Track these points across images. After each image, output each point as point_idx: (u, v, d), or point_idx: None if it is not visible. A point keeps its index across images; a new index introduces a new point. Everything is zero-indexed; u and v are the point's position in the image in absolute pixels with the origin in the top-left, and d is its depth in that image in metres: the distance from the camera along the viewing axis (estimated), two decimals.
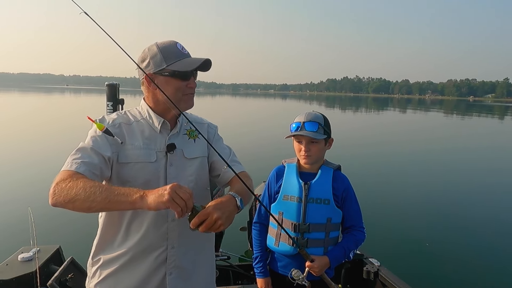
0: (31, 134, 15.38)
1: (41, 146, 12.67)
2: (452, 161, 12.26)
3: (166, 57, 1.45)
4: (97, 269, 1.51)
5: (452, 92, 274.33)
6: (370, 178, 9.14)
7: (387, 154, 13.35)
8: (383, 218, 6.27)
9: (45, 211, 5.75)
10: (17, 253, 2.95)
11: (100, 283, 1.49)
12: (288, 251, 1.96)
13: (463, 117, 40.35)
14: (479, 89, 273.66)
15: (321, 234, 1.93)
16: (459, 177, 10.03)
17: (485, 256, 5.13)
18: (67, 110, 33.28)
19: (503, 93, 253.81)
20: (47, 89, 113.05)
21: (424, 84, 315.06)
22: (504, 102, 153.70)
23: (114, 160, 1.45)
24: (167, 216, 1.48)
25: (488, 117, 42.54)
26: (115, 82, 2.81)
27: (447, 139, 18.55)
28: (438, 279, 4.42)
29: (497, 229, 6.16)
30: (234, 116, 28.52)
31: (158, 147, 1.50)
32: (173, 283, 1.51)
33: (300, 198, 1.94)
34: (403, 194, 8.19)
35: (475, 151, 15.05)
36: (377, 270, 3.04)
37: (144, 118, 1.55)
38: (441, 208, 7.17)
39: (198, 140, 1.61)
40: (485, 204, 7.64)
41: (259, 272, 2.07)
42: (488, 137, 20.18)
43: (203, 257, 1.64)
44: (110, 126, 1.47)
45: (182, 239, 1.52)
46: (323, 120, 1.98)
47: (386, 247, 5.07)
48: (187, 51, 1.51)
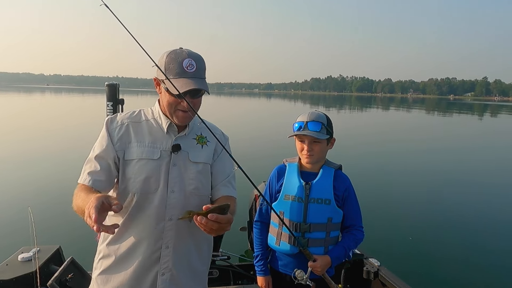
0: (31, 134, 15.17)
1: (41, 146, 12.55)
2: (451, 161, 12.21)
3: (167, 70, 1.47)
4: (99, 260, 1.57)
5: (433, 90, 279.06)
6: (369, 177, 9.06)
7: (386, 153, 13.27)
8: (383, 218, 6.26)
9: (45, 211, 5.75)
10: (17, 253, 2.93)
11: (100, 275, 1.54)
12: (288, 250, 1.97)
13: (447, 115, 41.01)
14: (459, 87, 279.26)
15: (321, 233, 1.94)
16: (459, 177, 10.00)
17: (485, 256, 5.16)
18: (62, 109, 33.07)
19: (482, 91, 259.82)
20: (27, 89, 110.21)
21: (406, 83, 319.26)
22: (483, 100, 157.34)
23: (121, 158, 1.51)
24: (165, 214, 1.50)
25: (468, 115, 43.42)
26: (115, 82, 2.80)
27: (442, 138, 18.48)
28: (438, 279, 4.44)
29: (497, 229, 6.18)
30: (229, 116, 27.98)
31: (163, 146, 1.53)
32: (163, 285, 1.51)
33: (301, 198, 1.94)
34: (403, 194, 8.18)
35: (474, 150, 15.03)
36: (377, 270, 3.04)
37: (155, 118, 1.59)
38: (441, 208, 7.17)
39: (206, 147, 1.62)
40: (485, 204, 7.62)
41: (259, 271, 2.08)
42: (481, 137, 20.03)
43: (198, 262, 1.63)
44: (118, 126, 1.54)
45: (178, 240, 1.53)
46: (326, 120, 1.98)
47: (386, 247, 5.07)
48: (195, 69, 1.47)
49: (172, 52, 1.49)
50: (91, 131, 13.12)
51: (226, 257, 3.31)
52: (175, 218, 1.50)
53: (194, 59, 1.48)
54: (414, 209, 7.11)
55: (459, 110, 56.24)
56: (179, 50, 1.50)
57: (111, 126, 1.55)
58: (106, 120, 1.58)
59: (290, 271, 1.94)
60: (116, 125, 1.55)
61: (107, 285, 1.52)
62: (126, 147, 1.51)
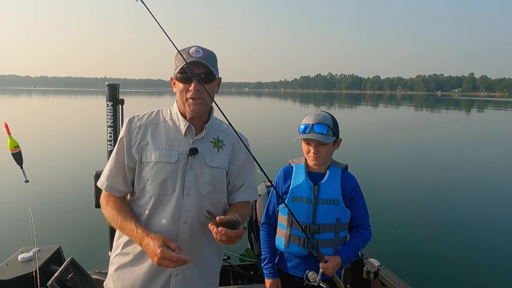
0: (31, 134, 15.07)
1: (40, 146, 12.45)
2: (451, 161, 12.17)
3: (177, 59, 1.53)
4: (116, 256, 1.61)
5: (421, 87, 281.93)
6: (369, 177, 8.96)
7: (383, 152, 13.22)
8: (383, 218, 6.25)
9: (45, 211, 5.75)
10: (17, 253, 2.92)
11: (116, 270, 1.59)
12: (298, 252, 1.96)
13: (435, 111, 41.40)
14: (446, 84, 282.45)
15: (330, 234, 1.93)
16: (459, 177, 9.97)
17: (485, 255, 5.18)
18: (58, 111, 32.87)
19: (469, 87, 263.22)
20: (14, 91, 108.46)
21: (395, 80, 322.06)
22: (470, 96, 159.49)
23: (138, 160, 1.53)
24: (180, 217, 1.52)
25: (456, 110, 43.88)
26: (115, 83, 2.81)
27: (437, 136, 18.42)
28: (438, 279, 4.46)
29: (496, 229, 6.21)
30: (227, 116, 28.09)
31: (181, 149, 1.53)
32: (177, 285, 1.54)
33: (310, 199, 1.93)
34: (403, 193, 8.19)
35: (473, 150, 14.90)
36: (377, 270, 3.02)
37: (173, 119, 1.60)
38: (441, 208, 7.19)
39: (222, 151, 1.61)
40: (486, 204, 7.62)
41: (268, 273, 2.06)
42: (481, 137, 19.46)
43: (210, 262, 1.65)
44: (137, 128, 1.56)
45: (191, 242, 1.55)
46: (332, 122, 1.95)
47: (386, 247, 5.06)
48: (202, 54, 1.51)
49: (183, 49, 1.55)
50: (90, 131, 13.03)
51: (226, 257, 3.29)
52: (189, 221, 1.53)
53: (201, 48, 1.53)
54: (414, 209, 7.14)
55: (447, 106, 56.87)
56: (191, 45, 1.57)
57: (130, 128, 1.56)
58: (126, 123, 1.59)
59: (299, 273, 1.96)
60: (135, 127, 1.56)
61: (122, 282, 1.56)
62: (144, 149, 1.53)
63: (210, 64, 1.50)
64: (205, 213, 1.40)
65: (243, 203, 1.66)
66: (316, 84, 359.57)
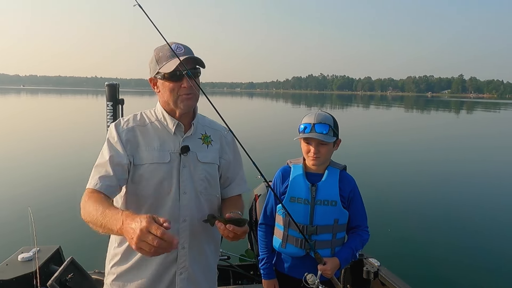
0: (30, 134, 14.94)
1: (40, 146, 12.44)
2: (451, 161, 12.18)
3: (158, 60, 1.49)
4: (113, 265, 1.56)
5: (411, 88, 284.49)
6: (368, 177, 8.87)
7: (381, 153, 13.20)
8: (383, 218, 6.22)
9: (45, 211, 5.72)
10: (17, 253, 2.91)
11: (115, 280, 1.54)
12: (296, 253, 1.95)
13: (425, 112, 41.88)
14: (436, 85, 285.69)
15: (328, 235, 1.93)
16: (459, 177, 10.00)
17: (485, 256, 5.20)
18: (58, 110, 32.62)
19: (458, 89, 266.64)
20: (3, 90, 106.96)
21: (386, 81, 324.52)
22: (460, 98, 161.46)
23: (131, 163, 1.49)
24: (179, 216, 1.51)
25: (446, 112, 44.38)
26: (115, 83, 2.82)
27: (433, 137, 18.44)
28: (438, 279, 4.47)
29: (496, 229, 6.24)
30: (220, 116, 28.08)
31: (172, 148, 1.52)
32: (182, 283, 1.54)
33: (307, 200, 1.92)
34: (402, 194, 8.19)
35: (472, 150, 14.98)
36: (377, 270, 3.01)
37: (159, 119, 1.57)
38: (441, 208, 7.20)
39: (211, 146, 1.62)
40: (485, 204, 7.62)
41: (265, 274, 2.05)
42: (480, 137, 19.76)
43: (209, 259, 1.66)
44: (125, 131, 1.51)
45: (192, 240, 1.55)
46: (333, 121, 1.95)
47: (386, 247, 5.06)
48: (184, 50, 1.49)
49: (157, 47, 1.53)
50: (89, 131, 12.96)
51: (226, 257, 3.29)
52: (188, 219, 1.52)
53: (180, 43, 1.52)
54: (414, 209, 7.14)
55: (437, 107, 57.42)
56: (160, 45, 1.54)
57: (118, 131, 1.51)
58: (113, 125, 1.55)
59: (296, 274, 1.95)
60: (122, 130, 1.52)
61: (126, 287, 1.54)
62: (135, 152, 1.50)
63: (198, 56, 1.50)
64: (204, 213, 1.42)
65: (236, 196, 1.69)
66: (308, 85, 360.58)
